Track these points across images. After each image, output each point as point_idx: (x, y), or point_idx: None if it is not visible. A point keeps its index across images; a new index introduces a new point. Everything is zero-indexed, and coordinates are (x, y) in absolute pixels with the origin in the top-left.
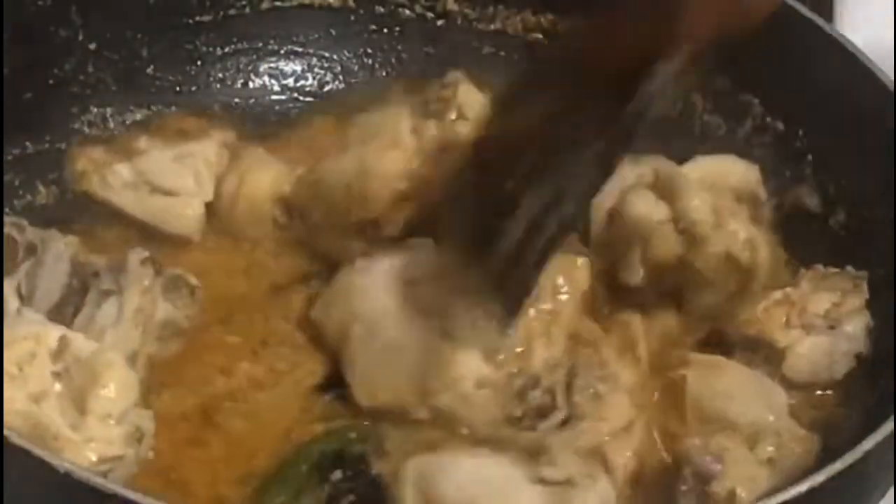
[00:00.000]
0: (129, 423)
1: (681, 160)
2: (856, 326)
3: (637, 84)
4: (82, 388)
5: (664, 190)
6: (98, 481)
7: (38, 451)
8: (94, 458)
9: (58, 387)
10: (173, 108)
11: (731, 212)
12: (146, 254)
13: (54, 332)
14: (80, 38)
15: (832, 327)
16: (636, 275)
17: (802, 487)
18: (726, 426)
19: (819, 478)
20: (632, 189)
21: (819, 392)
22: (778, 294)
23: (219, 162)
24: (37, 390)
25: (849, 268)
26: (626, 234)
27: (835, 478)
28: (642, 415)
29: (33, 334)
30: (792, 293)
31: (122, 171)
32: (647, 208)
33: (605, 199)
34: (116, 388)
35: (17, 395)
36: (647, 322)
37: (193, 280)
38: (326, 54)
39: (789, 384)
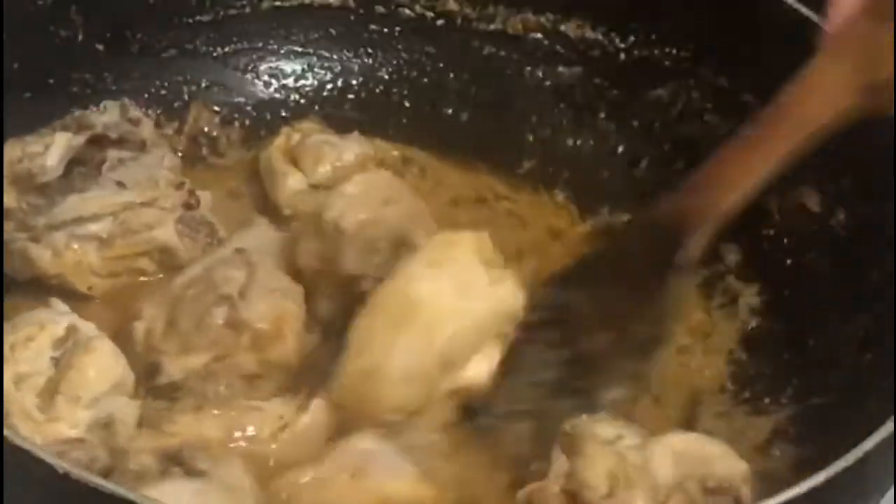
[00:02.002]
0: (100, 409)
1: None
2: None
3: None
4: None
5: (569, 443)
6: (98, 481)
7: (38, 452)
8: (49, 439)
9: (52, 371)
10: (173, 107)
11: (638, 484)
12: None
13: (63, 321)
14: (80, 38)
15: None
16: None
17: (802, 487)
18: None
19: (819, 478)
20: None
21: None
22: None
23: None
24: (21, 372)
25: None
26: None
27: (835, 478)
28: None
29: (38, 320)
30: None
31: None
32: None
33: None
34: (93, 372)
35: None
36: None
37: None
38: (326, 54)
39: None
